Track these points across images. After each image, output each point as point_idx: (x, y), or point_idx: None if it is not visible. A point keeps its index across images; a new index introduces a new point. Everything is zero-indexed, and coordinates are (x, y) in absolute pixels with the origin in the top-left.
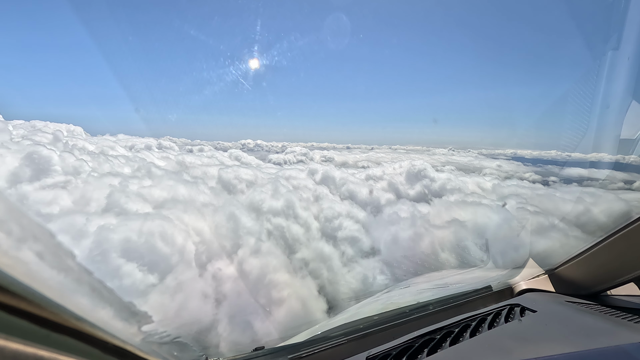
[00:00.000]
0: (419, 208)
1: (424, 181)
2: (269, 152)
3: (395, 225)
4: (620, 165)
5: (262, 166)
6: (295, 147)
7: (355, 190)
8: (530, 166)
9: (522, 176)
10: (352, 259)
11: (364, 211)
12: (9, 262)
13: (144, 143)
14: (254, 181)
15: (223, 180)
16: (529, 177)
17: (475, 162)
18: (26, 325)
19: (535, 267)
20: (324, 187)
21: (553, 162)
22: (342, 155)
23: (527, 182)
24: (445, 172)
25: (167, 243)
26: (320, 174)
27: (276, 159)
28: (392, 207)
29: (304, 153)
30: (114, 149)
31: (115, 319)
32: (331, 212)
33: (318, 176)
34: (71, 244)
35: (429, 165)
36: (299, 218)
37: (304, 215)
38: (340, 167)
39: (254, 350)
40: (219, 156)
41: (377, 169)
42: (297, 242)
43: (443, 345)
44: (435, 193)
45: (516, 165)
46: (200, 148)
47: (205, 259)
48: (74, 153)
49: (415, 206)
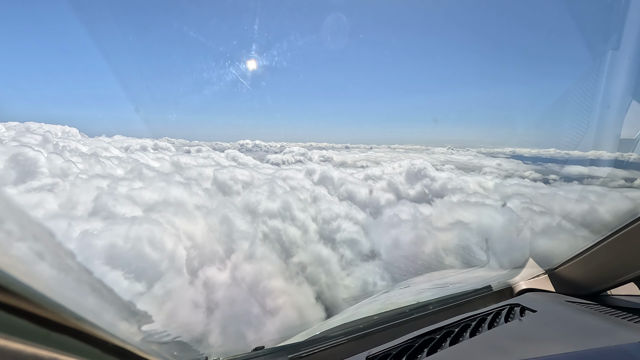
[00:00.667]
0: (420, 209)
1: (424, 180)
2: (267, 152)
3: (396, 226)
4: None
5: (259, 166)
6: (294, 147)
7: (354, 191)
8: (530, 164)
9: (523, 174)
10: (351, 263)
11: (363, 212)
12: (9, 262)
13: (140, 144)
14: (250, 182)
15: (218, 182)
16: (529, 175)
17: (474, 161)
18: (26, 325)
19: (535, 267)
20: (322, 188)
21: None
22: (341, 155)
23: (528, 180)
24: (446, 171)
25: (156, 248)
26: (318, 174)
27: (274, 159)
28: (392, 207)
29: (302, 153)
30: (108, 150)
31: (115, 319)
32: (329, 213)
33: (316, 176)
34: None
35: (429, 164)
36: (296, 220)
37: (302, 217)
38: (339, 167)
39: (254, 350)
40: (216, 157)
41: (376, 168)
42: (294, 245)
43: (443, 345)
44: (437, 193)
45: (516, 163)
46: (198, 149)
47: (197, 265)
48: (63, 155)
49: (417, 207)
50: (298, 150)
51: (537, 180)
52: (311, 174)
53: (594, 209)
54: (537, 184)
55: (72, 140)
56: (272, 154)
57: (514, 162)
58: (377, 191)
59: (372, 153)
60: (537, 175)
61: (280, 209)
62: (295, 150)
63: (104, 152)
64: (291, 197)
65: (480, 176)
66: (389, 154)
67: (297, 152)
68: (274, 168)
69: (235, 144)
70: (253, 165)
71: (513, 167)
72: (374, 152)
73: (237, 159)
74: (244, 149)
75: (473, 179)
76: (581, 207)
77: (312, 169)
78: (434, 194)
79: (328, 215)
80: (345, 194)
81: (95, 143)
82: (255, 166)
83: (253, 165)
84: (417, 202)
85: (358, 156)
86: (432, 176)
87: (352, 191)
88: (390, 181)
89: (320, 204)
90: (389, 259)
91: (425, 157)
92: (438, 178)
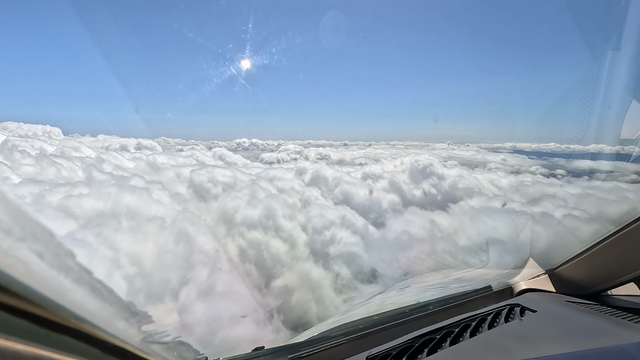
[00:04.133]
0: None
1: (431, 179)
2: (264, 150)
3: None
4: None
5: (248, 165)
6: (289, 145)
7: (352, 192)
8: (536, 159)
9: (530, 170)
10: (348, 285)
11: (362, 218)
12: (9, 262)
13: (120, 143)
14: (233, 184)
15: (194, 184)
16: (536, 170)
17: (478, 156)
18: (26, 325)
19: (535, 267)
20: (315, 189)
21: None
22: (339, 153)
23: (541, 176)
24: (455, 168)
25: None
26: (310, 173)
27: (268, 158)
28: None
29: (298, 151)
30: (79, 149)
31: (115, 319)
32: (322, 220)
33: (308, 176)
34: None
35: (435, 160)
36: (281, 231)
37: (288, 227)
38: (335, 165)
39: (254, 350)
40: (201, 156)
41: (376, 166)
42: (278, 264)
43: (443, 345)
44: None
45: (521, 158)
46: (192, 147)
47: (143, 300)
48: (12, 156)
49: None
50: (293, 148)
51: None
52: (302, 174)
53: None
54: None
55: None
56: (268, 152)
57: (519, 157)
58: (378, 192)
59: (371, 150)
60: (544, 171)
61: (262, 217)
62: (291, 148)
63: (72, 152)
64: (276, 201)
65: (491, 173)
66: (389, 150)
67: (293, 150)
68: (264, 167)
69: (231, 143)
70: (242, 165)
71: (519, 162)
72: (372, 148)
73: (224, 157)
74: (240, 147)
75: (484, 176)
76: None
77: (303, 168)
78: (443, 195)
79: (320, 223)
80: (341, 197)
81: (68, 143)
82: (244, 165)
83: (242, 165)
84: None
85: (356, 153)
86: (440, 174)
87: (349, 192)
88: (393, 180)
89: (312, 210)
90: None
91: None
92: (447, 176)
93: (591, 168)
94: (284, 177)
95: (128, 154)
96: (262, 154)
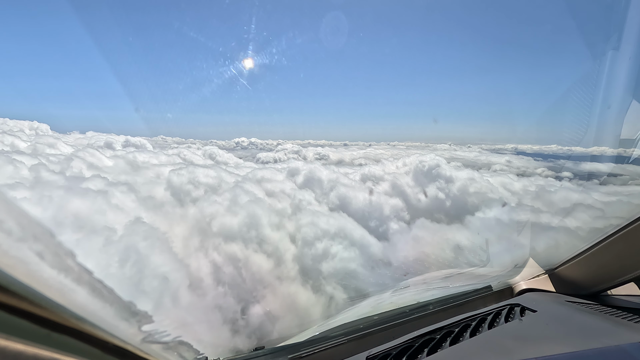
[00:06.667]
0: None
1: (438, 182)
2: (262, 150)
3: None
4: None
5: (240, 165)
6: (287, 145)
7: (350, 196)
8: (541, 161)
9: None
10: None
11: (361, 227)
12: (9, 262)
13: (105, 140)
14: (217, 186)
15: (173, 186)
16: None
17: (481, 158)
18: (26, 325)
19: (535, 266)
20: (309, 192)
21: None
22: (338, 153)
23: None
24: (465, 170)
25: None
26: (304, 174)
27: (264, 158)
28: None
29: (296, 151)
30: (55, 146)
31: (115, 319)
32: (314, 230)
33: (301, 177)
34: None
35: (442, 161)
36: (265, 243)
37: (274, 238)
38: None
39: (254, 350)
40: (189, 154)
41: (376, 167)
42: (260, 285)
43: (443, 345)
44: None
45: (526, 160)
46: (188, 146)
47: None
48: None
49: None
50: (291, 148)
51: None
52: (295, 175)
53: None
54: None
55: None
56: (266, 151)
57: (523, 158)
58: (380, 196)
59: (372, 150)
60: (550, 173)
61: (243, 226)
62: (289, 147)
63: (47, 149)
64: (262, 207)
65: (501, 176)
66: (389, 151)
67: (291, 149)
68: (254, 167)
69: (230, 142)
70: (234, 164)
71: (524, 164)
72: (373, 149)
73: (215, 156)
74: (238, 146)
75: (495, 179)
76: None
77: (296, 168)
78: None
79: (312, 234)
80: (337, 201)
81: (43, 139)
82: (236, 165)
83: (234, 164)
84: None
85: (356, 153)
86: (448, 176)
87: (347, 196)
88: (395, 183)
89: (303, 217)
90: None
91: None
92: (455, 178)
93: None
94: (274, 178)
95: (109, 152)
96: (258, 153)
